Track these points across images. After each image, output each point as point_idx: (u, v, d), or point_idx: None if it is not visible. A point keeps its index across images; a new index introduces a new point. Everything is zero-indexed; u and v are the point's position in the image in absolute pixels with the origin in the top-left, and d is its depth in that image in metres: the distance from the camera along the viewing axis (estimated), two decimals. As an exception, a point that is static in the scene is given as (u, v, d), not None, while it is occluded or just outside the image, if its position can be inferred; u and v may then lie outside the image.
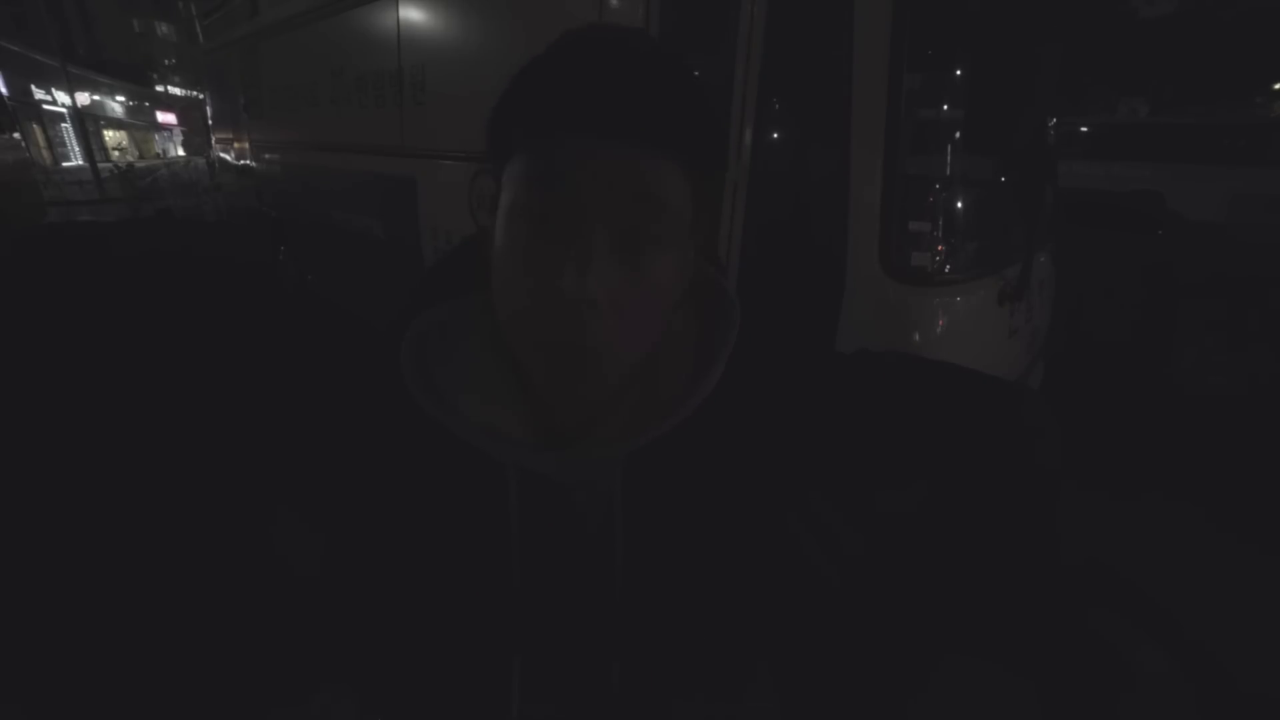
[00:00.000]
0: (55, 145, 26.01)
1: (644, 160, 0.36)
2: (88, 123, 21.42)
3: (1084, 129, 6.79)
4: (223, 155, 6.42)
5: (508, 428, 0.42)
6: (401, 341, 0.44)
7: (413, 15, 2.82)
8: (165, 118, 38.50)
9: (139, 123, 35.86)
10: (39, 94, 24.51)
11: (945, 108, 1.50)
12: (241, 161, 5.65)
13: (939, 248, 1.53)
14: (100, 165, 15.96)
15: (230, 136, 5.89)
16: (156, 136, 38.32)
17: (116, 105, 32.87)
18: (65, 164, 24.03)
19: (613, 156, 0.36)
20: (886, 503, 0.39)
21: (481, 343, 0.44)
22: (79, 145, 22.72)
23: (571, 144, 0.36)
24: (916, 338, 1.52)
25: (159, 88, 38.98)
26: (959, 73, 1.49)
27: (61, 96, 23.23)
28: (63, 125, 26.72)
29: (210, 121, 6.58)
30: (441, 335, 0.45)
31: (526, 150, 0.38)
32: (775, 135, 1.71)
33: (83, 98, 24.51)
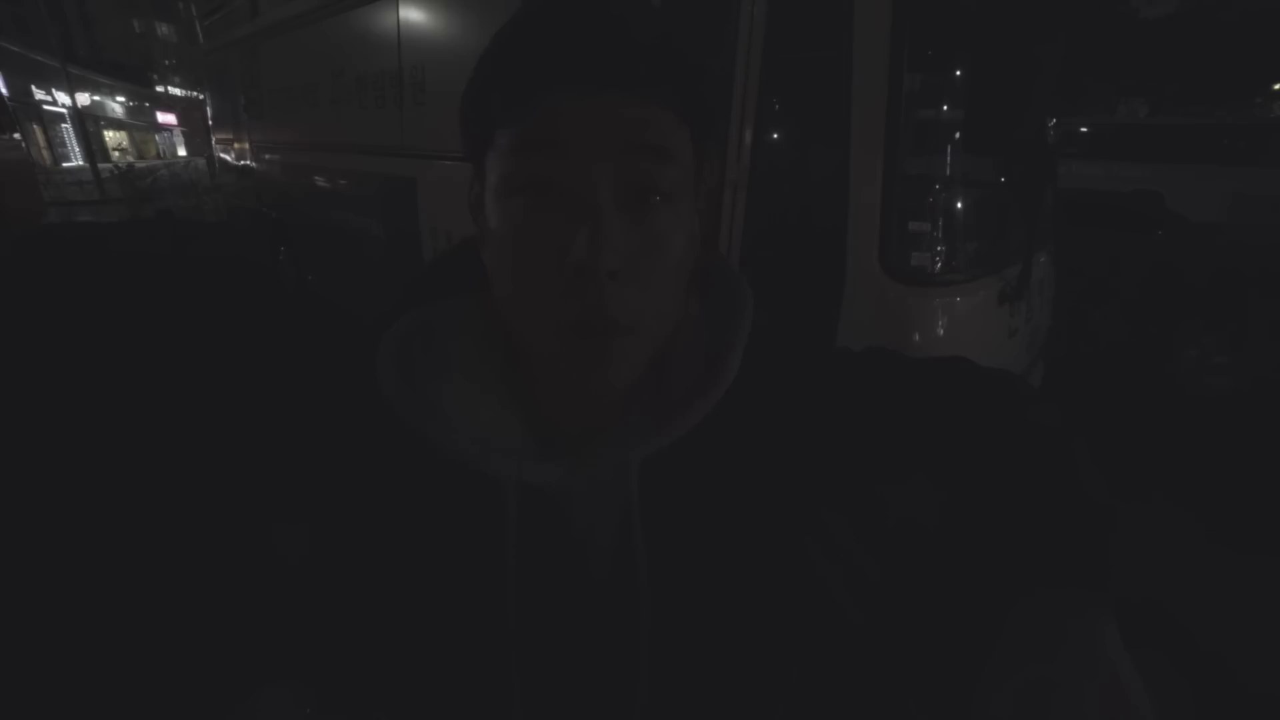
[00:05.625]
0: (55, 145, 26.05)
1: (639, 106, 0.34)
2: (88, 123, 21.44)
3: (1084, 129, 6.79)
4: (223, 156, 6.42)
5: (504, 435, 0.38)
6: (379, 344, 0.40)
7: (413, 15, 2.83)
8: (165, 118, 38.54)
9: (139, 123, 35.90)
10: (39, 94, 24.54)
11: (945, 108, 1.50)
12: (241, 162, 5.65)
13: (939, 248, 1.53)
14: (100, 166, 15.97)
15: (230, 137, 5.89)
16: (157, 137, 38.37)
17: (116, 106, 32.90)
18: (65, 164, 24.05)
19: (607, 105, 0.33)
20: (900, 507, 0.35)
21: (474, 343, 0.41)
22: (79, 145, 22.74)
23: (559, 100, 0.33)
24: (916, 338, 1.52)
25: (159, 88, 39.02)
26: (959, 73, 1.49)
27: (62, 97, 23.25)
28: (63, 125, 26.75)
29: (210, 122, 6.58)
30: (428, 336, 0.41)
31: (509, 120, 0.35)
32: (775, 135, 1.71)
33: (83, 98, 24.55)
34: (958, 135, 1.50)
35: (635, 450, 0.37)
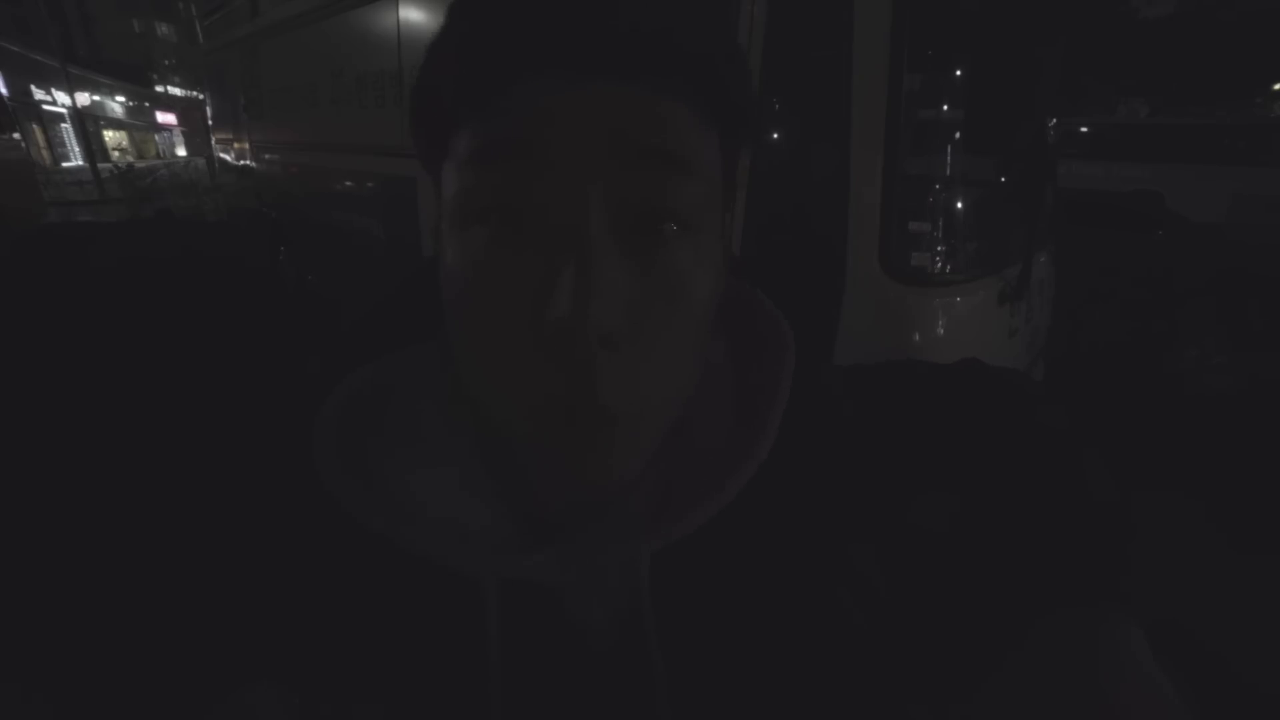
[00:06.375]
0: (55, 145, 26.07)
1: (646, 101, 0.25)
2: (87, 123, 21.45)
3: (1084, 129, 6.79)
4: (223, 155, 6.42)
5: (479, 522, 0.30)
6: (317, 416, 0.31)
7: (413, 15, 2.83)
8: (165, 118, 38.56)
9: (139, 123, 35.92)
10: (39, 94, 24.56)
11: (945, 108, 1.50)
12: (241, 162, 5.65)
13: (939, 248, 1.53)
14: (100, 166, 15.96)
15: (230, 137, 5.89)
16: (157, 137, 38.40)
17: (116, 106, 32.92)
18: (65, 164, 24.05)
19: (601, 98, 0.24)
20: (919, 517, 0.31)
21: (439, 409, 0.32)
22: (79, 145, 22.75)
23: (535, 92, 0.24)
24: (916, 338, 1.52)
25: (159, 88, 39.04)
26: (959, 73, 1.49)
27: (61, 97, 23.28)
28: (62, 125, 26.77)
29: (210, 122, 6.58)
30: (379, 406, 0.32)
31: (468, 118, 0.26)
32: (775, 135, 1.71)
33: (83, 98, 24.58)
34: (958, 135, 1.50)
35: (645, 542, 0.28)
